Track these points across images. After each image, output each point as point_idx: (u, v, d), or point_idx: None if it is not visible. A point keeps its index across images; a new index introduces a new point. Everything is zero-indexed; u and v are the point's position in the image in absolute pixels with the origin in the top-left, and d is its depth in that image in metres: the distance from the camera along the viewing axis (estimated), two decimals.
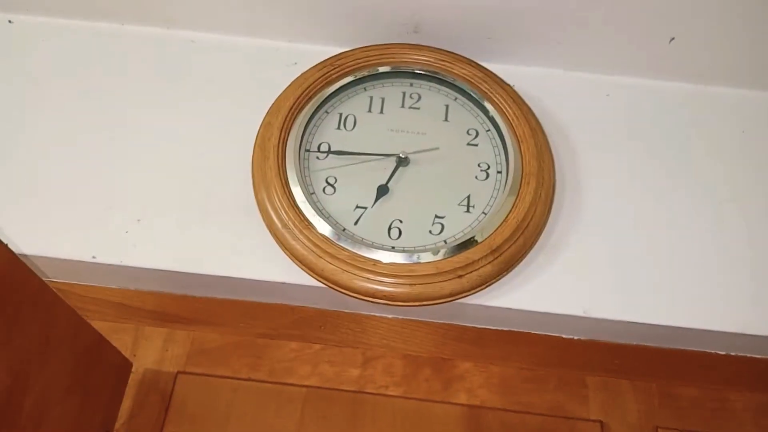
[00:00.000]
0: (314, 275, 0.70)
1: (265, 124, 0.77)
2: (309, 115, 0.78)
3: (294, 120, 0.77)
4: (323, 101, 0.79)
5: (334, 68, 0.81)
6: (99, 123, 0.81)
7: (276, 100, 0.79)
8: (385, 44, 0.84)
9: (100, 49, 0.87)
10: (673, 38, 0.81)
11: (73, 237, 0.72)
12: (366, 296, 0.69)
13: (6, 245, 0.47)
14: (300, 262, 0.71)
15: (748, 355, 0.75)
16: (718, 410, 0.73)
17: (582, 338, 0.75)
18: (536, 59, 0.86)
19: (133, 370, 0.73)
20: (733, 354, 0.74)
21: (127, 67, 0.85)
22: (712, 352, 0.75)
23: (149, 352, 0.75)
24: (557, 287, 0.71)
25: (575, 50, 0.84)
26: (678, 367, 0.74)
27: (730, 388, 0.73)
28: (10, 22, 0.90)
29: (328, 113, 0.80)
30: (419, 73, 0.83)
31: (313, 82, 0.79)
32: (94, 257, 0.71)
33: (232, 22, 0.87)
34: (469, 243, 0.70)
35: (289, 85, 0.80)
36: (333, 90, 0.80)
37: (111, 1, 0.86)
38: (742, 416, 0.72)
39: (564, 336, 0.75)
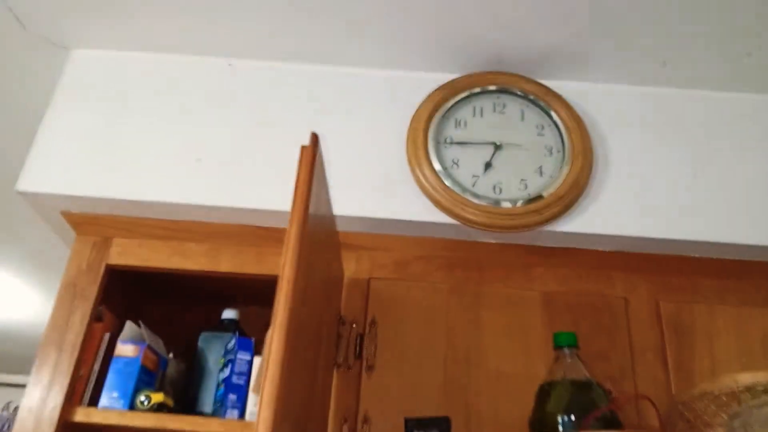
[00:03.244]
0: (450, 216, 1.19)
1: (413, 128, 1.26)
2: (438, 120, 1.26)
3: (430, 123, 1.25)
4: (446, 111, 1.27)
5: (450, 89, 1.29)
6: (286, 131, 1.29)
7: (416, 112, 1.27)
8: (479, 72, 1.32)
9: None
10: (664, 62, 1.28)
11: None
12: (482, 227, 1.18)
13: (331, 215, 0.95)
14: (441, 208, 1.19)
15: (713, 257, 1.22)
16: (692, 290, 1.20)
17: (613, 250, 1.23)
18: (579, 76, 1.33)
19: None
20: (696, 256, 1.22)
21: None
22: (694, 256, 1.23)
23: (348, 267, 1.23)
24: (600, 218, 1.20)
25: (601, 69, 1.32)
26: (669, 265, 1.22)
27: (701, 276, 1.21)
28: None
29: (449, 118, 1.28)
30: (502, 89, 1.30)
31: (438, 99, 1.28)
32: None
33: (377, 59, 1.35)
34: (543, 194, 1.18)
35: (424, 102, 1.28)
36: (451, 104, 1.28)
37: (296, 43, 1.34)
38: (708, 288, 1.20)
39: (601, 249, 1.23)
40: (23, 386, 1.12)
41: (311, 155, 0.80)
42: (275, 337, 0.68)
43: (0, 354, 3.43)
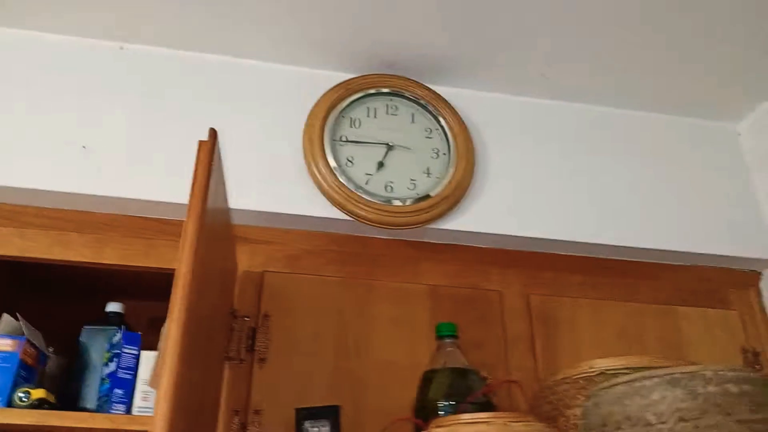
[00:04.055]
0: (344, 212, 1.23)
1: (309, 125, 1.29)
2: (334, 119, 1.30)
3: (326, 121, 1.29)
4: (341, 110, 1.31)
5: (345, 89, 1.33)
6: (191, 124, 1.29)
7: (312, 109, 1.30)
8: (374, 74, 1.37)
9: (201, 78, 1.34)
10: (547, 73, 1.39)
11: None
12: (374, 223, 1.23)
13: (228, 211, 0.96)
14: (335, 204, 1.24)
15: (578, 255, 1.36)
16: (558, 285, 1.33)
17: (491, 246, 1.33)
18: (466, 84, 1.42)
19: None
20: (563, 254, 1.35)
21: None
22: (561, 254, 1.35)
23: (242, 260, 1.24)
24: (480, 217, 1.29)
25: (487, 78, 1.41)
26: (539, 262, 1.34)
27: (567, 272, 1.34)
28: None
29: (344, 117, 1.32)
30: (395, 93, 1.37)
31: (335, 98, 1.32)
32: None
33: (276, 54, 1.36)
34: (430, 194, 1.26)
35: (320, 100, 1.31)
36: (347, 103, 1.32)
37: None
38: (573, 283, 1.33)
39: (479, 246, 1.33)
40: None
41: (209, 151, 0.81)
42: (172, 330, 0.69)
43: None
